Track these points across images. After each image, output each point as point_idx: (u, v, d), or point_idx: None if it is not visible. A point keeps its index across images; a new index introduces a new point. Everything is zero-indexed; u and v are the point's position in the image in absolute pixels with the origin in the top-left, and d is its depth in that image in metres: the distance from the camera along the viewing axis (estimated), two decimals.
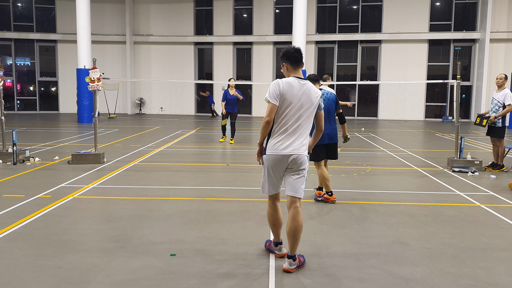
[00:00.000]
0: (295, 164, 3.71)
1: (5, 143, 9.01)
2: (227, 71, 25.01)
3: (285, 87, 3.67)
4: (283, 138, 3.68)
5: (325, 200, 5.98)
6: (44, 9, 25.77)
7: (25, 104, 26.13)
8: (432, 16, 23.12)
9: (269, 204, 3.94)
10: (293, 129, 3.67)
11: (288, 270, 3.69)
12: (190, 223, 4.97)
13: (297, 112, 3.66)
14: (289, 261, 3.72)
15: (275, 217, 3.93)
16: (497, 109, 8.34)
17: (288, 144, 3.66)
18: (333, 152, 6.03)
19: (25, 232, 4.63)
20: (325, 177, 5.89)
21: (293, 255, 3.73)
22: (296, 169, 3.73)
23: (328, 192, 5.98)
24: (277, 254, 4.02)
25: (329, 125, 5.83)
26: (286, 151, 3.66)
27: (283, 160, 3.69)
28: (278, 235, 4.01)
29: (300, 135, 3.69)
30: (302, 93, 3.68)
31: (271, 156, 3.72)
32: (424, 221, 5.16)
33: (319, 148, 5.84)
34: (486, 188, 6.95)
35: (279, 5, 24.58)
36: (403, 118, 23.05)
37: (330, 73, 23.66)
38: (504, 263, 3.93)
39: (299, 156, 3.69)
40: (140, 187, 6.83)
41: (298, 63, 3.82)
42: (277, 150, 3.68)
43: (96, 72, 8.84)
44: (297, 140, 3.68)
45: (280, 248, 4.02)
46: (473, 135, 14.94)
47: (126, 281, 3.49)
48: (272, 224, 3.96)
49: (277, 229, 3.97)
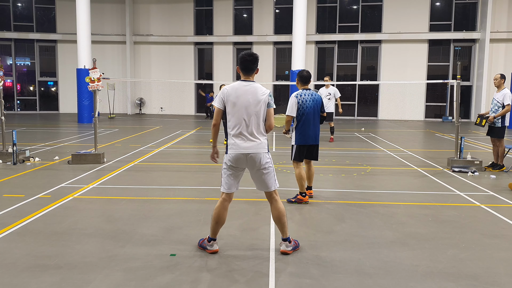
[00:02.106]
0: (255, 162, 3.93)
1: (5, 143, 9.02)
2: (227, 71, 25.01)
3: (229, 91, 3.94)
4: (238, 137, 3.92)
5: (298, 201, 5.88)
6: (44, 9, 25.76)
7: (25, 104, 26.13)
8: (432, 16, 23.11)
9: (221, 202, 4.06)
10: (245, 128, 3.90)
11: (286, 252, 4.03)
12: (190, 223, 4.97)
13: (246, 111, 3.90)
14: (285, 243, 4.06)
15: (221, 215, 4.04)
16: (497, 109, 8.35)
17: (245, 142, 3.91)
18: (315, 153, 6.02)
19: (25, 232, 4.63)
20: (302, 177, 5.86)
21: (287, 238, 4.06)
22: (259, 167, 3.96)
23: (302, 193, 5.89)
24: (208, 250, 4.09)
25: (314, 127, 5.85)
26: (244, 150, 3.90)
27: (243, 159, 3.92)
28: (216, 232, 4.10)
29: (254, 133, 3.92)
30: (247, 93, 3.93)
31: (231, 155, 3.94)
32: (424, 221, 5.16)
33: (302, 149, 5.86)
34: (486, 188, 6.95)
35: (279, 5, 24.58)
36: (403, 118, 23.05)
37: (330, 73, 23.63)
38: (504, 263, 3.93)
39: (257, 154, 3.90)
40: (140, 187, 6.83)
41: (248, 71, 4.05)
42: (236, 149, 3.90)
43: (96, 72, 8.84)
44: (254, 139, 3.90)
45: (212, 244, 4.10)
46: (473, 135, 14.95)
47: (126, 281, 3.49)
48: (216, 221, 4.06)
49: (218, 227, 4.08)
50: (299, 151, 5.86)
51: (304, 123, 5.79)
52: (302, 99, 5.76)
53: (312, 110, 5.79)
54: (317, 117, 5.90)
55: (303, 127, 5.80)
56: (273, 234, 4.62)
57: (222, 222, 4.07)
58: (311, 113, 5.79)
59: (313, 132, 5.84)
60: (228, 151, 3.96)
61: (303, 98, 5.77)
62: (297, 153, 5.87)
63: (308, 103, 5.77)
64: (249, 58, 4.02)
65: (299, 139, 5.83)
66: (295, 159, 5.90)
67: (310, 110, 5.79)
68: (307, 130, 5.80)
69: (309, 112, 5.77)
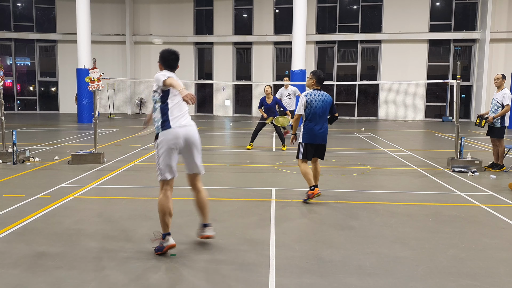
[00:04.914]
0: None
1: (5, 143, 9.02)
2: (227, 71, 25.01)
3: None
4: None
5: (311, 197, 5.92)
6: (44, 9, 25.75)
7: (25, 104, 26.13)
8: (432, 16, 23.11)
9: (164, 193, 4.07)
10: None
11: (211, 236, 4.32)
12: (190, 223, 4.97)
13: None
14: (211, 228, 4.33)
15: (168, 205, 4.04)
16: (496, 109, 8.35)
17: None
18: (322, 152, 6.10)
19: (25, 232, 4.63)
20: (307, 172, 5.95)
21: (209, 223, 4.33)
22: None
23: (310, 187, 5.95)
24: (166, 247, 4.00)
25: (322, 126, 5.96)
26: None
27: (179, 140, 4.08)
28: (169, 225, 4.05)
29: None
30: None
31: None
32: (424, 221, 5.16)
33: (309, 148, 5.95)
34: (486, 188, 6.95)
35: (279, 5, 24.57)
36: (403, 118, 23.05)
37: (287, 74, 22.85)
38: (504, 263, 3.93)
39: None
40: (140, 187, 6.83)
41: (171, 68, 4.18)
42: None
43: (96, 72, 8.84)
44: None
45: (168, 239, 4.01)
46: (473, 135, 14.95)
47: (126, 281, 3.49)
48: (164, 213, 4.02)
49: (168, 219, 4.04)
50: (306, 150, 5.96)
51: (312, 123, 5.91)
52: (312, 99, 5.89)
53: (321, 110, 5.89)
54: (325, 117, 6.00)
55: (310, 126, 5.91)
56: (273, 234, 4.62)
57: (171, 213, 4.07)
58: (319, 113, 5.90)
59: (320, 132, 5.94)
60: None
61: (313, 97, 5.90)
62: (304, 151, 5.96)
63: (317, 103, 5.88)
64: (172, 56, 4.17)
65: (306, 138, 5.94)
66: (302, 157, 5.98)
67: (319, 110, 5.89)
68: (315, 130, 5.90)
69: (317, 112, 5.88)
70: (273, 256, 4.01)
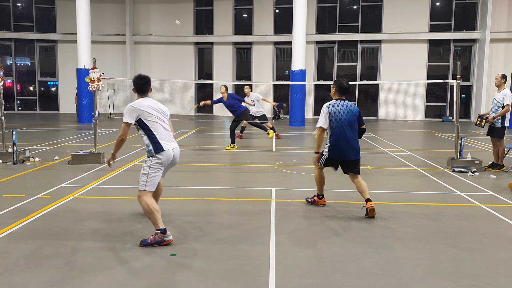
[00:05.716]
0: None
1: (5, 143, 9.02)
2: (227, 71, 25.01)
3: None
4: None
5: (314, 202, 5.83)
6: (44, 9, 25.76)
7: (25, 104, 26.13)
8: (432, 16, 23.11)
9: (148, 196, 4.34)
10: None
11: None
12: (190, 223, 4.97)
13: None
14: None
15: (154, 204, 4.33)
16: (497, 109, 8.34)
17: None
18: (356, 168, 5.51)
19: (25, 232, 4.63)
20: (320, 179, 5.70)
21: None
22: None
23: (319, 195, 5.81)
24: (166, 242, 4.25)
25: (350, 140, 5.37)
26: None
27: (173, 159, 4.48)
28: (160, 219, 4.31)
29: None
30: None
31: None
32: (424, 221, 5.16)
33: (332, 162, 5.51)
34: (486, 188, 6.95)
35: (279, 5, 24.58)
36: (403, 118, 23.05)
37: (249, 84, 22.48)
38: (504, 263, 3.93)
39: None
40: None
41: (142, 92, 4.68)
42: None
43: (96, 72, 8.85)
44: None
45: (168, 235, 4.29)
46: (473, 135, 14.95)
47: (126, 281, 3.49)
48: (155, 211, 4.27)
49: (159, 214, 4.30)
50: (328, 163, 5.52)
51: (337, 136, 5.33)
52: (335, 110, 5.33)
53: (347, 123, 5.32)
54: (353, 129, 5.41)
55: (335, 140, 5.35)
56: (273, 234, 4.62)
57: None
58: (345, 126, 5.32)
59: (348, 146, 5.33)
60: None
61: (336, 109, 5.33)
62: (326, 163, 5.52)
63: (342, 115, 5.31)
64: (141, 82, 4.63)
65: (332, 152, 5.42)
66: (321, 164, 5.58)
67: (345, 123, 5.32)
68: (341, 144, 5.33)
69: (343, 125, 5.31)
70: (273, 256, 4.01)
